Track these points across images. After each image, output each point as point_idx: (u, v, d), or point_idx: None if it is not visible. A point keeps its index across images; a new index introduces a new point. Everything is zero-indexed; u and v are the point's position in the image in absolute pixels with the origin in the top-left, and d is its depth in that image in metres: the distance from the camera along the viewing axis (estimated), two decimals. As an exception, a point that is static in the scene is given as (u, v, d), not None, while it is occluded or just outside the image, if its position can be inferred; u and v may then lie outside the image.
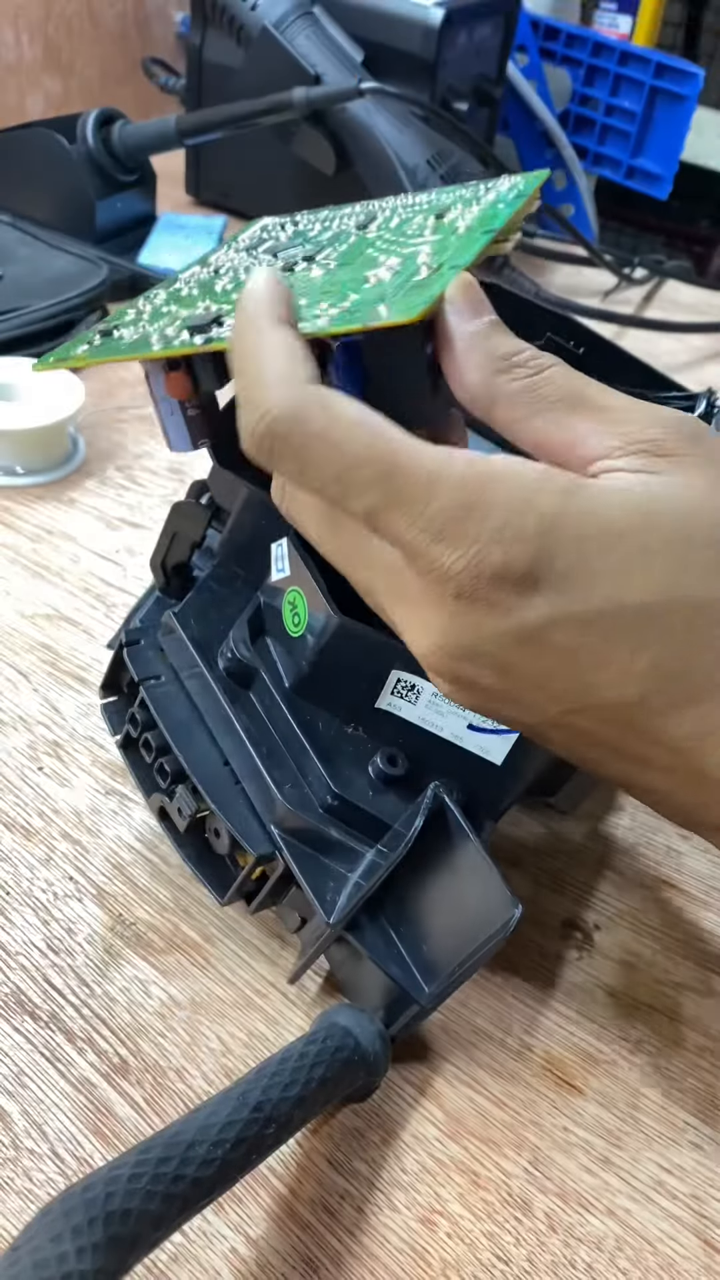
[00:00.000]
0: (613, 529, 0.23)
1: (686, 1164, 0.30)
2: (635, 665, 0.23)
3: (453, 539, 0.23)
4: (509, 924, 0.27)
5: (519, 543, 0.23)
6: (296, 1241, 0.27)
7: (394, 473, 0.23)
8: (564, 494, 0.23)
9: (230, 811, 0.31)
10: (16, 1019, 0.31)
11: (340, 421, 0.24)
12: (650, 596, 0.23)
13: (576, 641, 0.23)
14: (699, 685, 0.23)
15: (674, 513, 0.23)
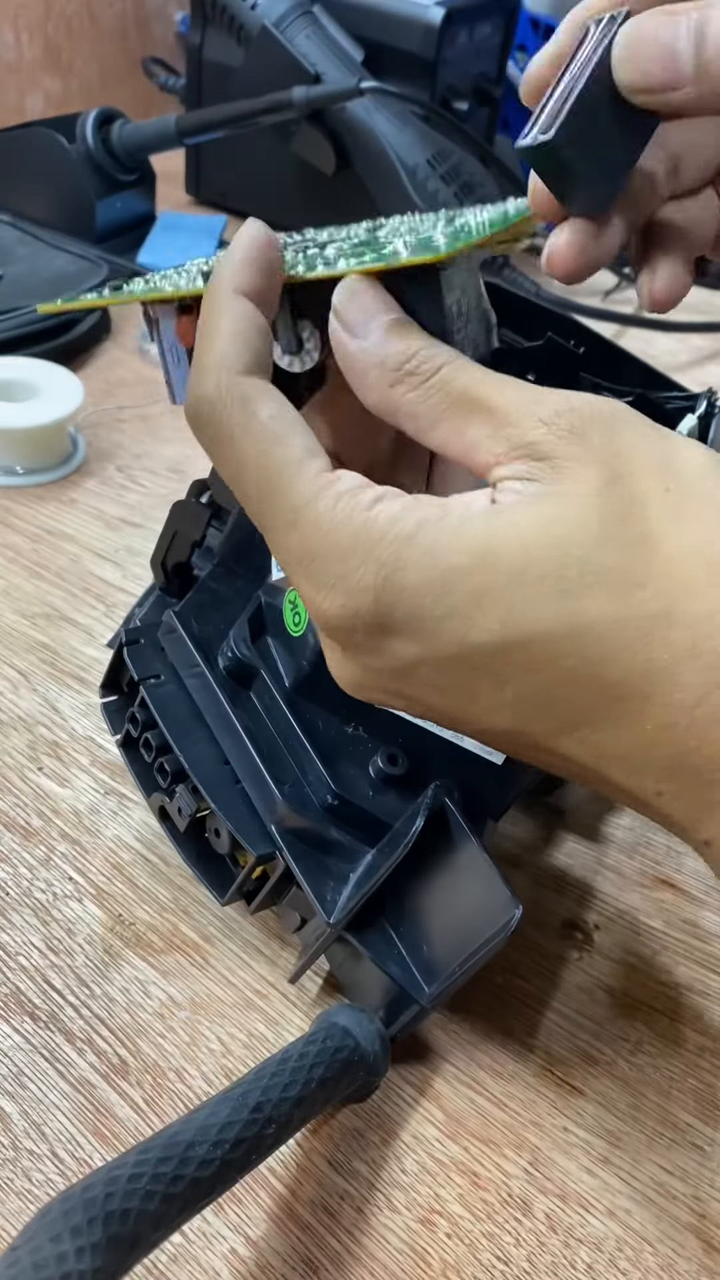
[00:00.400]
0: (448, 574, 0.22)
1: (687, 1165, 0.30)
2: (501, 699, 0.23)
3: (306, 578, 0.24)
4: (509, 924, 0.27)
5: (358, 594, 0.23)
6: (296, 1242, 0.27)
7: (271, 495, 0.24)
8: (405, 540, 0.23)
9: (230, 811, 0.31)
10: (16, 1019, 0.31)
11: (249, 426, 0.24)
12: (490, 638, 0.22)
13: (441, 680, 0.24)
14: (569, 714, 0.23)
15: (510, 548, 0.22)
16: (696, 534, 0.22)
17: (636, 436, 0.23)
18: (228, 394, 0.24)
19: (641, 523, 0.22)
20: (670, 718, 0.22)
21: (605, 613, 0.22)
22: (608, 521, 0.22)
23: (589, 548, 0.22)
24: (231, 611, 0.35)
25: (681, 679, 0.21)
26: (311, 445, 0.24)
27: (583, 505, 0.22)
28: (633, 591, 0.22)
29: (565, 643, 0.22)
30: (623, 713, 0.22)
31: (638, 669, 0.22)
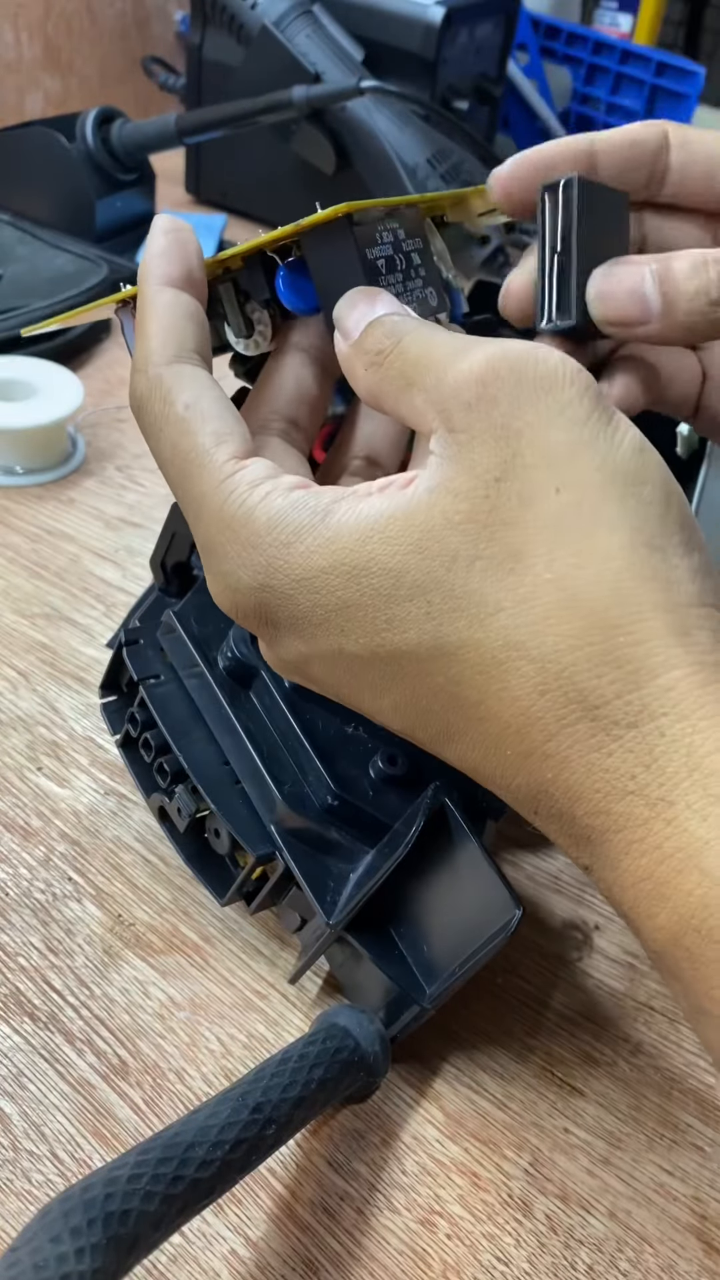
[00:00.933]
0: (320, 584, 0.23)
1: (687, 1165, 0.30)
2: (381, 704, 0.24)
3: (207, 568, 0.24)
4: (510, 925, 0.27)
5: (241, 592, 0.24)
6: (296, 1243, 0.27)
7: (182, 483, 0.25)
8: (282, 545, 0.23)
9: (230, 811, 0.31)
10: (16, 1020, 0.31)
11: (168, 416, 0.25)
12: (362, 650, 0.23)
13: (328, 676, 0.24)
14: (443, 727, 0.23)
15: (381, 565, 0.22)
16: (567, 558, 0.21)
17: (553, 409, 0.22)
18: (153, 388, 0.25)
19: (517, 533, 0.21)
20: (525, 747, 0.22)
21: (464, 636, 0.22)
22: (481, 536, 0.21)
23: (456, 570, 0.21)
24: (231, 611, 0.35)
25: (532, 711, 0.21)
26: (224, 431, 0.24)
27: (463, 514, 0.21)
28: (491, 617, 0.21)
29: (431, 661, 0.22)
30: (484, 734, 0.22)
31: (493, 694, 0.22)
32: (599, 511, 0.21)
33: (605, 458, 0.22)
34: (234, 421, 0.25)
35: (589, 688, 0.21)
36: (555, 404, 0.22)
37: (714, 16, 1.84)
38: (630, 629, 0.20)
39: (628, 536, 0.21)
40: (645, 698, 0.20)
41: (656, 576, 0.21)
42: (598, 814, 0.21)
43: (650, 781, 0.20)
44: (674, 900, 0.20)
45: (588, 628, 0.21)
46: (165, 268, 0.26)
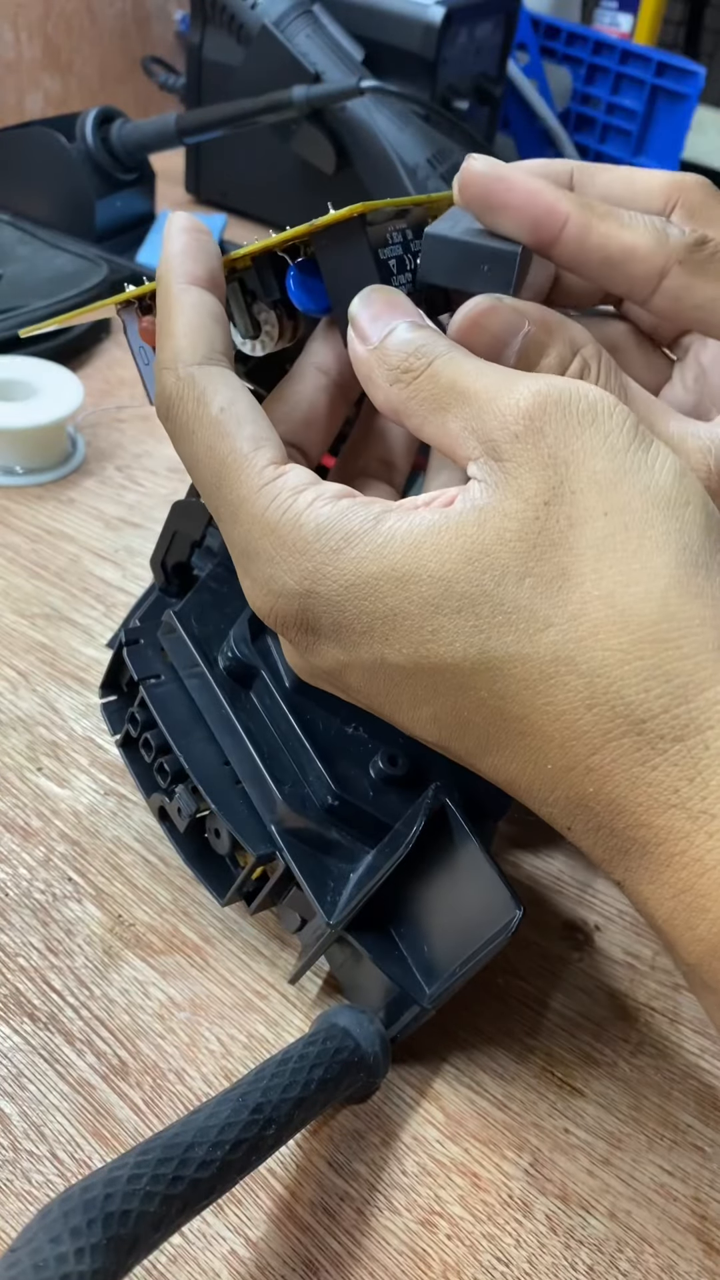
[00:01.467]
0: (369, 591, 0.23)
1: (688, 1166, 0.30)
2: (419, 715, 0.24)
3: (245, 574, 0.24)
4: (510, 925, 0.27)
5: (285, 598, 0.24)
6: (296, 1243, 0.27)
7: (218, 487, 0.24)
8: (330, 553, 0.23)
9: (230, 811, 0.31)
10: (15, 1020, 0.31)
11: (201, 418, 0.25)
12: (404, 661, 0.23)
13: (367, 686, 0.24)
14: (482, 740, 0.23)
15: (429, 575, 0.22)
16: (615, 576, 0.21)
17: (596, 440, 0.22)
18: (185, 388, 0.25)
19: (566, 554, 0.22)
20: (568, 761, 0.22)
21: (511, 651, 0.22)
22: (531, 554, 0.22)
23: (506, 584, 0.22)
24: (231, 611, 0.35)
25: (578, 725, 0.21)
26: (261, 436, 0.24)
27: (513, 533, 0.22)
28: (541, 632, 0.21)
29: (475, 674, 0.22)
30: (526, 748, 0.22)
31: (539, 708, 0.22)
32: (645, 533, 0.21)
33: (648, 483, 0.22)
34: (269, 428, 0.25)
35: (636, 701, 0.21)
36: (599, 434, 0.22)
37: (714, 16, 1.84)
38: (679, 643, 0.21)
39: (674, 555, 0.21)
40: (692, 711, 0.21)
41: (703, 593, 0.21)
42: (639, 826, 0.21)
43: (693, 795, 0.20)
44: (714, 912, 0.20)
45: (636, 642, 0.21)
46: (189, 266, 0.26)
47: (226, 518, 0.25)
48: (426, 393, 0.24)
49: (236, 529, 0.24)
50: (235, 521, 0.24)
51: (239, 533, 0.24)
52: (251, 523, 0.24)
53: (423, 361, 0.24)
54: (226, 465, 0.24)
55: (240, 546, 0.24)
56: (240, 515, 0.24)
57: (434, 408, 0.24)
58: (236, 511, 0.24)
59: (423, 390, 0.24)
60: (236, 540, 0.24)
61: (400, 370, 0.24)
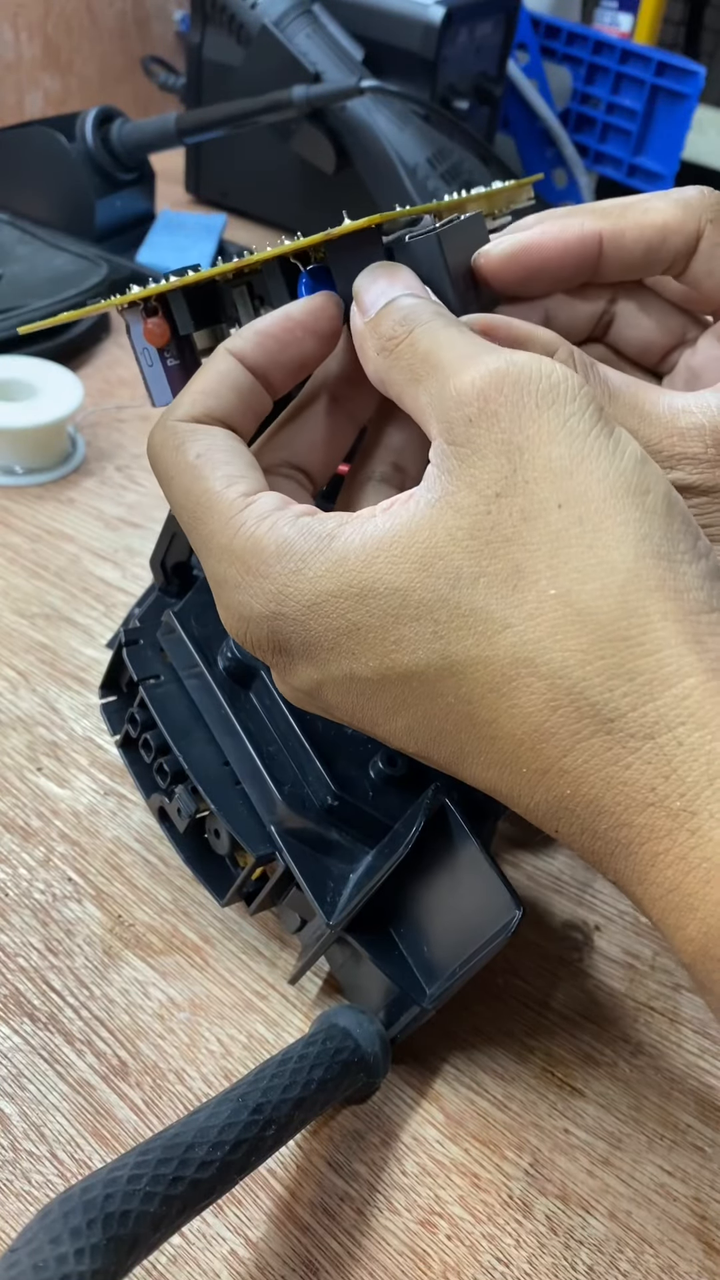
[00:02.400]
0: (328, 608, 0.23)
1: (688, 1166, 0.30)
2: (394, 726, 0.24)
3: (219, 601, 0.25)
4: (510, 925, 0.27)
5: (253, 621, 0.24)
6: (296, 1244, 0.27)
7: (195, 525, 0.25)
8: (290, 574, 0.23)
9: (230, 812, 0.31)
10: (15, 1020, 0.31)
11: (179, 464, 0.25)
12: (372, 673, 0.23)
13: (343, 702, 0.24)
14: (457, 747, 0.23)
15: (385, 586, 0.22)
16: (570, 572, 0.21)
17: (555, 424, 0.22)
18: (167, 437, 0.25)
19: (519, 550, 0.21)
20: (541, 764, 0.21)
21: (472, 654, 0.21)
22: (483, 553, 0.21)
23: (461, 587, 0.21)
24: (231, 612, 0.35)
25: (545, 728, 0.21)
26: (234, 475, 0.25)
27: (464, 530, 0.21)
28: (498, 634, 0.21)
29: (440, 680, 0.22)
30: (499, 753, 0.22)
31: (505, 711, 0.21)
32: (601, 525, 0.21)
33: (607, 470, 0.21)
34: (247, 468, 0.25)
35: (602, 701, 0.20)
36: (557, 418, 0.22)
37: (714, 16, 1.83)
38: (640, 640, 0.20)
39: (632, 548, 0.21)
40: (661, 708, 0.20)
41: (664, 585, 0.21)
42: (620, 826, 0.21)
43: (670, 792, 0.20)
44: (702, 911, 0.20)
45: (596, 641, 0.20)
46: (245, 346, 0.26)
47: (202, 552, 0.25)
48: (404, 362, 0.24)
49: (209, 561, 0.25)
50: (208, 554, 0.25)
51: (211, 564, 0.25)
52: (221, 552, 0.24)
53: (404, 329, 0.24)
54: (200, 504, 0.24)
55: (215, 577, 0.25)
56: (211, 547, 0.24)
57: (409, 378, 0.23)
58: (209, 544, 0.24)
59: (401, 359, 0.24)
60: (212, 572, 0.25)
61: (386, 339, 0.24)
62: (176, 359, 0.30)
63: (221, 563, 0.24)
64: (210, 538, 0.24)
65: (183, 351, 0.30)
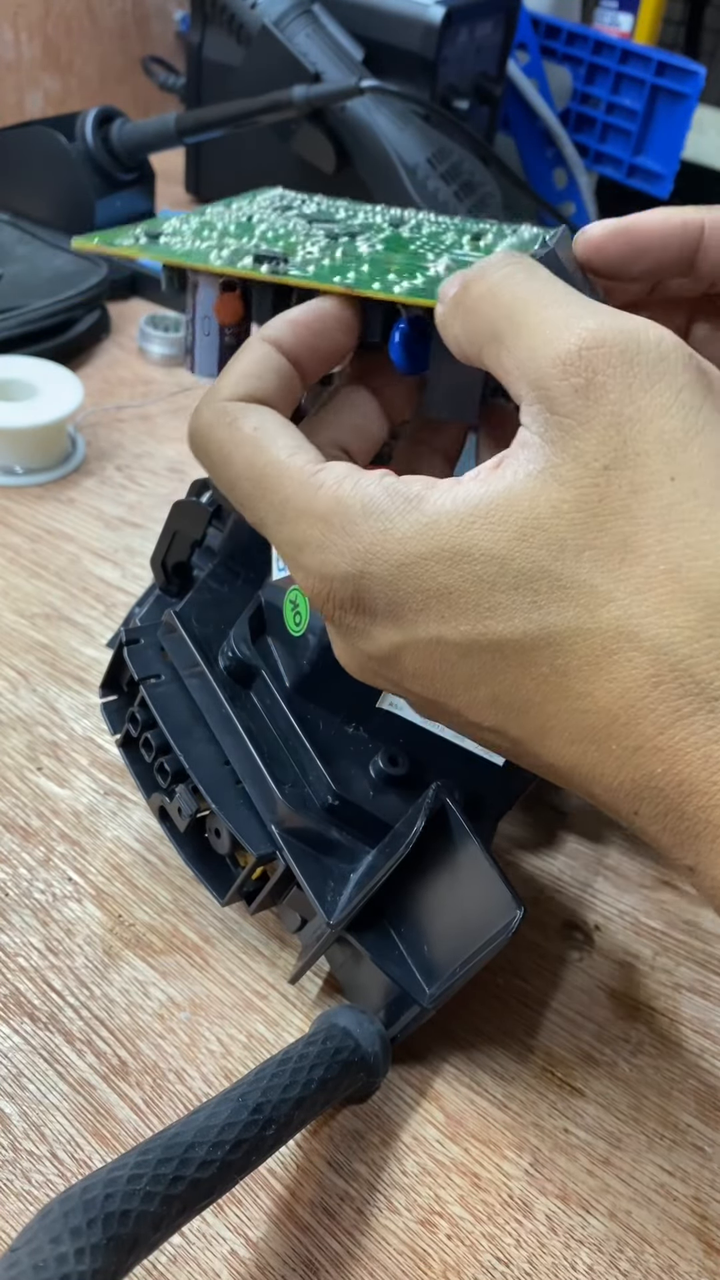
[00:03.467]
0: (421, 569, 0.22)
1: (688, 1166, 0.30)
2: (476, 696, 0.23)
3: (296, 565, 0.24)
4: (511, 925, 0.27)
5: (338, 580, 0.23)
6: (296, 1243, 0.27)
7: (261, 496, 0.25)
8: (379, 532, 0.23)
9: (230, 811, 0.31)
10: (15, 1020, 0.31)
11: (235, 439, 0.25)
12: (462, 638, 0.22)
13: (423, 668, 0.23)
14: (544, 720, 0.22)
15: (483, 552, 0.21)
16: (682, 547, 0.20)
17: (667, 396, 0.21)
18: (217, 417, 0.26)
19: (628, 523, 0.21)
20: (635, 741, 0.21)
21: (572, 625, 0.21)
22: (590, 525, 0.21)
23: (565, 559, 0.21)
24: (232, 611, 0.35)
25: (644, 703, 0.21)
26: (296, 444, 0.25)
27: (570, 503, 0.21)
28: (602, 607, 0.21)
29: (535, 650, 0.21)
30: (589, 728, 0.22)
31: (602, 684, 0.21)
32: (716, 499, 0.20)
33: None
34: (303, 440, 0.25)
35: (708, 679, 0.20)
36: (670, 390, 0.21)
37: (714, 16, 1.83)
38: None
39: None
40: None
41: None
42: (713, 807, 0.20)
43: None
44: None
45: (706, 618, 0.20)
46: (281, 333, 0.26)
47: (273, 520, 0.25)
48: (483, 316, 0.23)
49: (284, 527, 0.24)
50: (282, 520, 0.24)
51: (286, 530, 0.24)
52: (298, 515, 0.24)
53: (481, 277, 0.23)
54: (266, 474, 0.24)
55: (290, 542, 0.24)
56: (287, 512, 0.24)
57: (489, 334, 0.23)
58: (283, 510, 0.24)
59: (479, 312, 0.23)
60: (285, 538, 0.24)
61: (461, 289, 0.24)
62: (234, 339, 0.30)
63: (300, 525, 0.24)
64: (285, 503, 0.24)
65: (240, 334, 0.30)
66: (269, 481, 0.24)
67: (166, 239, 0.30)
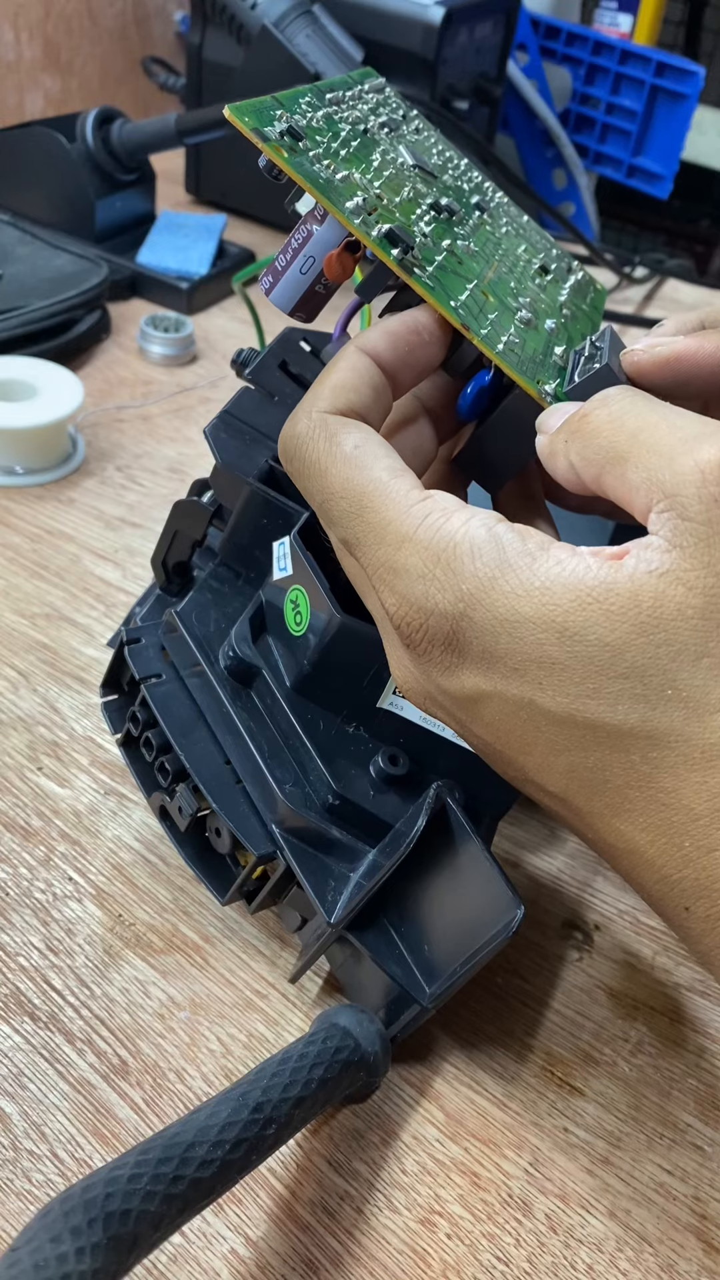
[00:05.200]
0: (525, 633, 0.22)
1: (687, 1165, 0.30)
2: (554, 764, 0.23)
3: (391, 590, 0.24)
4: (511, 925, 0.27)
5: (437, 617, 0.23)
6: (296, 1243, 0.27)
7: (359, 515, 0.24)
8: (486, 580, 0.22)
9: (231, 811, 0.31)
10: (16, 1020, 0.31)
11: (334, 455, 0.25)
12: (559, 708, 0.22)
13: (502, 722, 0.23)
14: (617, 802, 0.23)
15: (599, 637, 0.21)
16: None
17: None
18: (316, 429, 0.25)
19: None
20: (710, 843, 0.21)
21: (677, 727, 0.21)
22: (713, 635, 0.21)
23: (682, 661, 0.21)
24: (232, 611, 0.35)
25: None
26: (397, 467, 0.25)
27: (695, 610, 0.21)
28: (711, 715, 0.21)
29: (632, 739, 0.22)
30: (665, 821, 0.22)
31: (693, 785, 0.21)
32: None
33: None
34: (403, 463, 0.25)
35: None
36: None
37: (714, 16, 1.84)
38: None
39: None
40: None
41: None
42: None
43: None
44: None
45: None
46: (379, 345, 0.26)
47: (370, 541, 0.24)
48: (604, 440, 0.23)
49: (381, 549, 0.24)
50: (381, 542, 0.24)
51: (384, 553, 0.24)
52: (401, 540, 0.24)
53: (603, 405, 0.24)
54: (367, 494, 0.24)
55: (386, 565, 0.24)
56: (388, 535, 0.24)
57: (612, 456, 0.23)
58: (383, 532, 0.24)
59: (600, 436, 0.23)
60: (381, 560, 0.24)
61: (579, 418, 0.24)
62: (325, 291, 0.29)
63: (402, 551, 0.24)
64: (386, 526, 0.24)
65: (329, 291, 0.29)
66: (370, 501, 0.24)
67: (308, 145, 0.28)
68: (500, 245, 0.33)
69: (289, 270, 0.28)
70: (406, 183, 0.30)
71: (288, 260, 0.28)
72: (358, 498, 0.24)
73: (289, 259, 0.28)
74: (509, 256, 0.33)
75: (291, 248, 0.28)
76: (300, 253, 0.28)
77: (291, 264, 0.28)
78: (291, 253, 0.28)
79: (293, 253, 0.28)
